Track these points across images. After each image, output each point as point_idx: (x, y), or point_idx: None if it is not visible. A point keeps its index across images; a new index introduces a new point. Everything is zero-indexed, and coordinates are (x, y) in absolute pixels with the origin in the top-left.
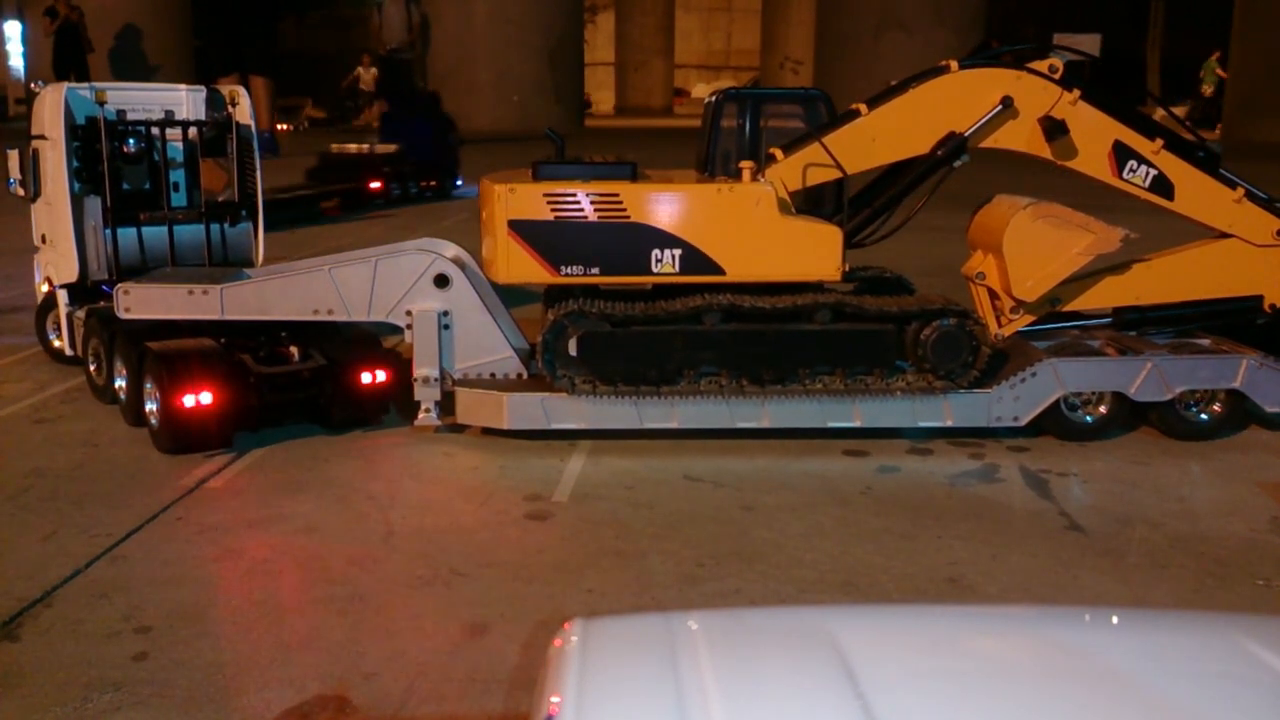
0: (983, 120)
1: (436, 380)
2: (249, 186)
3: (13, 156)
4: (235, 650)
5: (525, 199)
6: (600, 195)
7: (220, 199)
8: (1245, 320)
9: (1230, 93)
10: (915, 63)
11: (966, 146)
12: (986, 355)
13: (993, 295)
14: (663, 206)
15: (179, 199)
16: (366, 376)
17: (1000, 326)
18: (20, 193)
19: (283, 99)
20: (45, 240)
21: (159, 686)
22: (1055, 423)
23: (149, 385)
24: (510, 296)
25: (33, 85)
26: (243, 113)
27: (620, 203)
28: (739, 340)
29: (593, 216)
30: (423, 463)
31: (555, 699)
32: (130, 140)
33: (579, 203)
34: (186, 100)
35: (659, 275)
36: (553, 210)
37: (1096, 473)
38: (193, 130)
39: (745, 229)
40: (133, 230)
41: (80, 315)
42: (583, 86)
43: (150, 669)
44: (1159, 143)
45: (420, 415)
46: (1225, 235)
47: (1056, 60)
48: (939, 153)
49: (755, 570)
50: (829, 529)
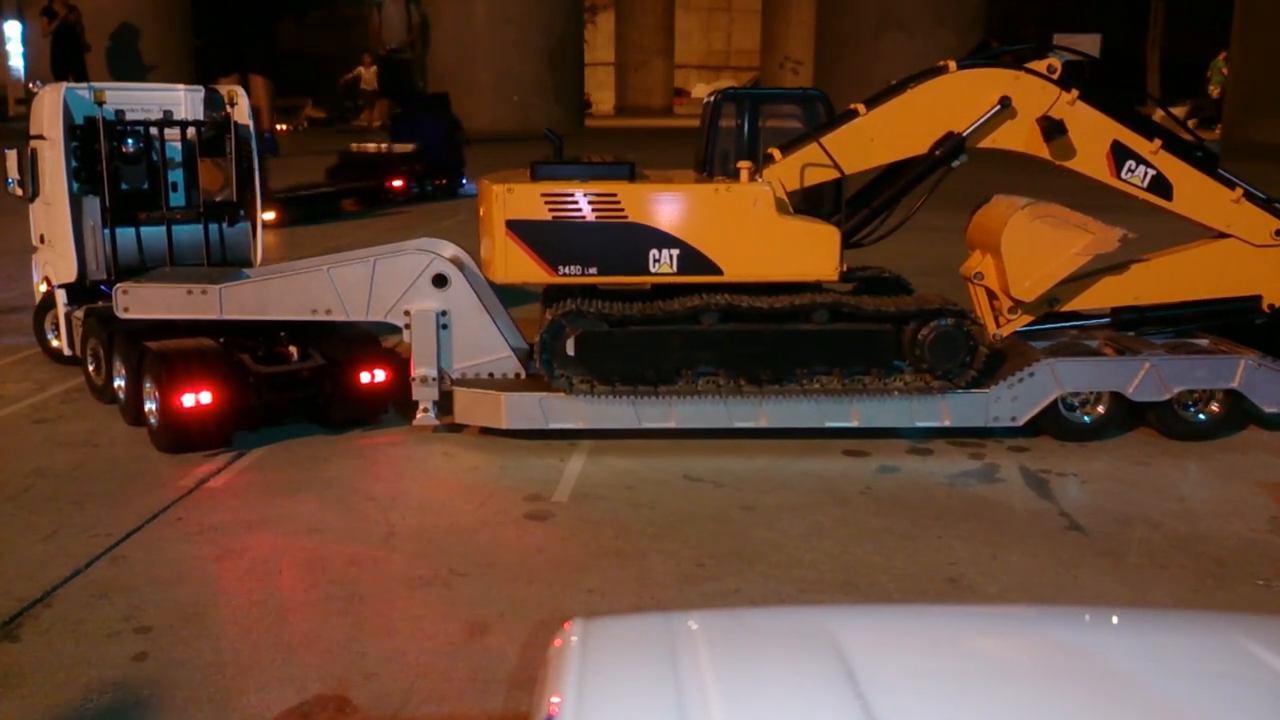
0: (981, 120)
1: (435, 380)
2: (247, 186)
3: (11, 156)
4: (235, 650)
5: (523, 199)
6: (598, 195)
7: (218, 199)
8: (1244, 320)
9: (1230, 93)
10: (915, 63)
11: (965, 146)
12: (984, 355)
13: (991, 295)
14: (661, 206)
15: (177, 199)
16: (365, 376)
17: (998, 326)
18: (19, 193)
19: (282, 99)
20: (44, 240)
21: (159, 686)
22: (1053, 423)
23: (148, 385)
24: (509, 296)
25: (31, 85)
26: (241, 113)
27: (618, 203)
28: (737, 340)
29: (591, 216)
30: (423, 463)
31: (555, 699)
32: (129, 140)
33: (577, 203)
34: (185, 100)
35: (657, 275)
36: (551, 210)
37: (1096, 473)
38: (191, 130)
39: (743, 229)
40: (131, 230)
41: (79, 315)
42: (583, 86)
43: (150, 669)
44: (1157, 143)
45: (418, 415)
46: (1224, 235)
47: (1055, 60)
48: (937, 153)
49: (755, 570)
50: (829, 529)
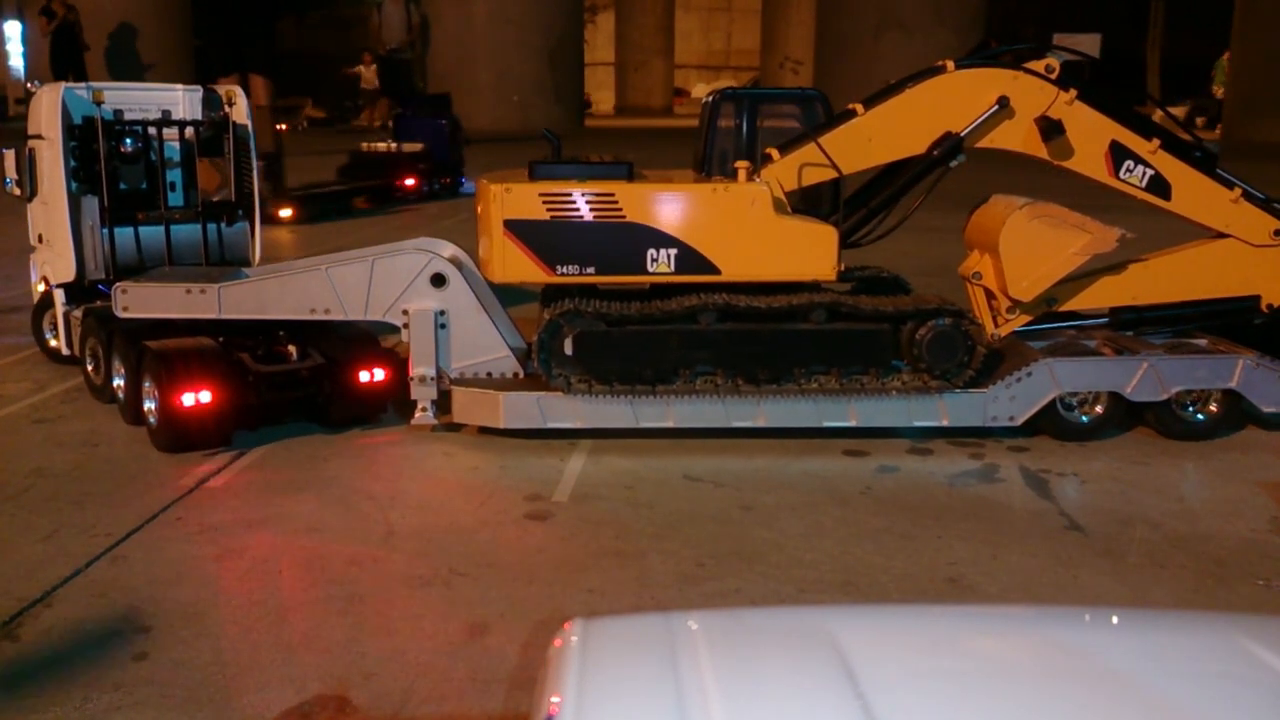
0: (979, 120)
1: (433, 379)
2: (246, 186)
3: (9, 156)
4: (235, 650)
5: (521, 199)
6: (596, 195)
7: (215, 199)
8: (1242, 320)
9: (1230, 93)
10: (915, 63)
11: (963, 146)
12: (982, 355)
13: (989, 295)
14: (658, 206)
15: (176, 199)
16: (364, 375)
17: (997, 326)
18: (17, 192)
19: (282, 99)
20: (42, 240)
21: (159, 686)
22: (1051, 423)
23: (148, 384)
24: (508, 296)
25: (29, 85)
26: (239, 113)
27: (616, 202)
28: (734, 340)
29: (589, 216)
30: (423, 462)
31: (555, 699)
32: (127, 140)
33: (575, 203)
34: (183, 100)
35: (655, 275)
36: (548, 210)
37: (1096, 473)
38: (189, 130)
39: (741, 229)
40: (130, 230)
41: (77, 315)
42: (583, 86)
43: (150, 669)
44: (1156, 143)
45: (417, 414)
46: (1222, 235)
47: (1053, 60)
48: (935, 153)
49: (755, 570)
50: (829, 529)
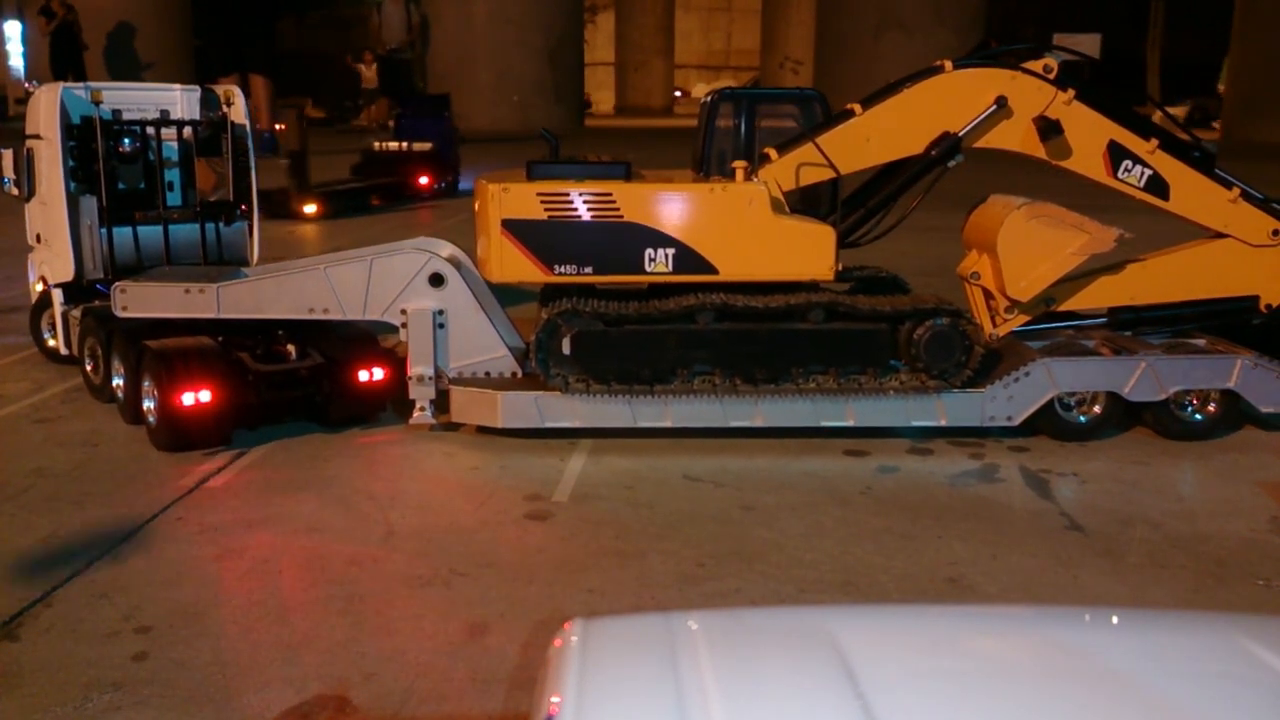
0: (977, 120)
1: (431, 379)
2: (244, 186)
3: (7, 156)
4: (235, 650)
5: (519, 198)
6: (594, 195)
7: (213, 198)
8: (1241, 320)
9: (1230, 93)
10: (915, 63)
11: (961, 146)
12: (979, 355)
13: (987, 295)
14: (656, 206)
15: (174, 198)
16: (364, 374)
17: (995, 326)
18: (15, 192)
19: (282, 99)
20: (40, 240)
21: (159, 686)
22: (1049, 423)
23: (147, 383)
24: (507, 295)
25: (29, 85)
26: (238, 112)
27: (614, 202)
28: (732, 339)
29: (586, 216)
30: (423, 462)
31: (555, 699)
32: (126, 140)
33: (572, 202)
34: (182, 100)
35: (653, 275)
36: (546, 210)
37: (1096, 473)
38: (188, 130)
39: (739, 229)
40: (128, 229)
41: (75, 314)
42: (583, 86)
43: (150, 669)
44: (1154, 142)
45: (415, 414)
46: (1221, 235)
47: (1051, 60)
48: (933, 153)
49: (755, 570)
50: (829, 529)
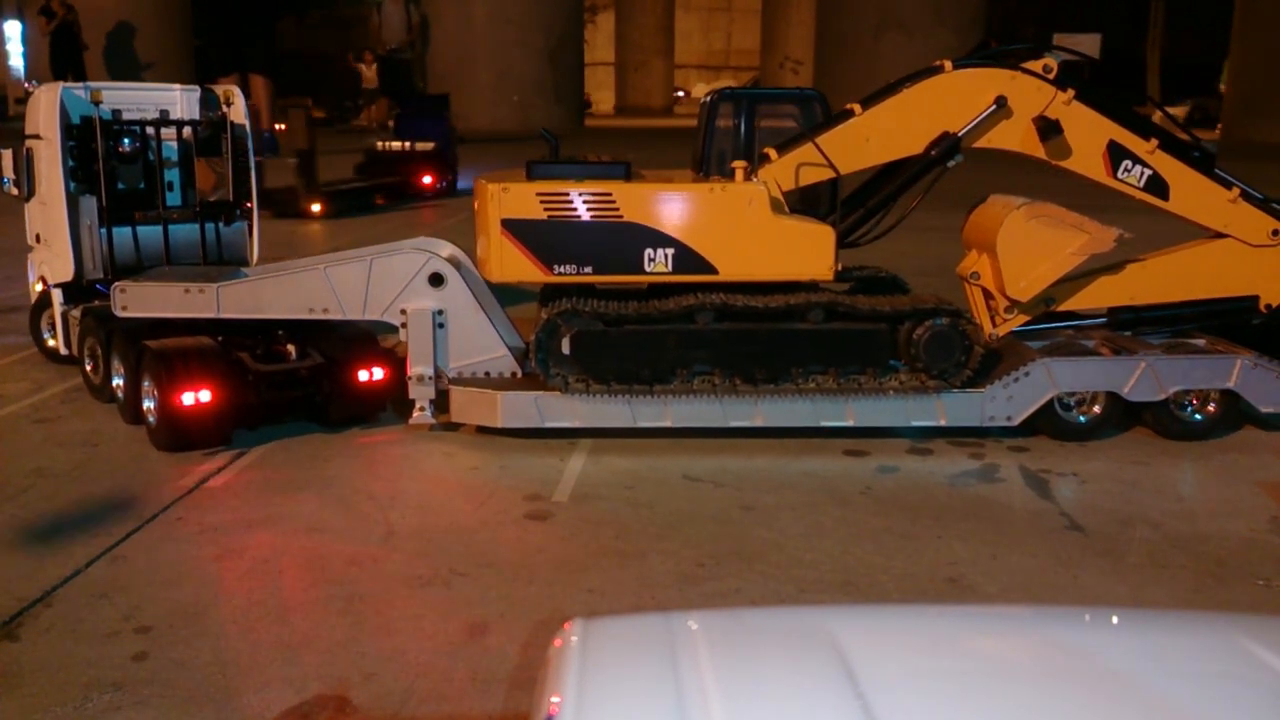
0: (977, 120)
1: (431, 379)
2: (244, 186)
3: (6, 156)
4: (235, 650)
5: (519, 198)
6: (593, 195)
7: (213, 198)
8: (1241, 320)
9: (1230, 93)
10: (915, 63)
11: (960, 146)
12: (979, 354)
13: (987, 295)
14: (656, 206)
15: (174, 198)
16: (363, 374)
17: (995, 326)
18: (15, 192)
19: (283, 99)
20: (40, 240)
21: (159, 686)
22: (1049, 423)
23: (147, 383)
24: (507, 295)
25: (29, 85)
26: (237, 112)
27: (613, 202)
28: (732, 339)
29: (586, 216)
30: (423, 462)
31: (555, 699)
32: (125, 140)
33: (572, 202)
34: (181, 100)
35: (652, 274)
36: (546, 210)
37: (1096, 473)
38: (187, 130)
39: (738, 228)
40: (128, 229)
41: (75, 314)
42: (583, 86)
43: (150, 669)
44: (1154, 142)
45: (415, 413)
46: (1221, 235)
47: (1051, 60)
48: (933, 153)
49: (755, 570)
50: (829, 529)
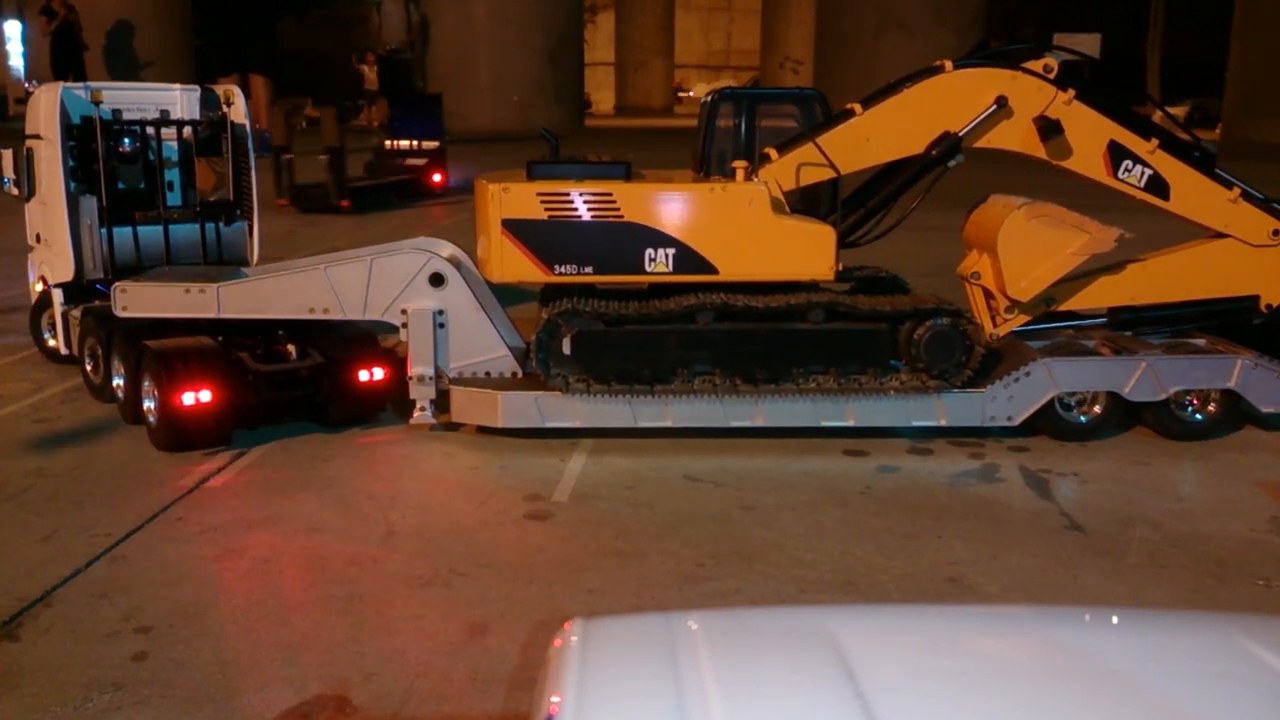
0: (977, 120)
1: (432, 379)
2: (244, 186)
3: (6, 156)
4: (235, 650)
5: (519, 198)
6: (594, 195)
7: (213, 198)
8: (1241, 320)
9: (1230, 93)
10: (915, 63)
11: (961, 146)
12: (980, 354)
13: (988, 295)
14: (656, 206)
15: (174, 198)
16: (364, 374)
17: (995, 326)
18: (15, 192)
19: (282, 99)
20: (40, 240)
21: (159, 686)
22: (1050, 423)
23: (147, 383)
24: (508, 295)
25: (29, 85)
26: (238, 112)
27: (614, 202)
28: (732, 339)
29: (586, 216)
30: (423, 462)
31: (555, 699)
32: (126, 140)
33: (572, 202)
34: (181, 100)
35: (653, 275)
36: (546, 210)
37: (1096, 473)
38: (188, 130)
39: (739, 228)
40: (128, 229)
41: (75, 314)
42: (583, 86)
43: (150, 669)
44: (1154, 142)
45: (415, 413)
46: (1221, 235)
47: (1051, 60)
48: (934, 152)
49: (755, 570)
50: (829, 529)
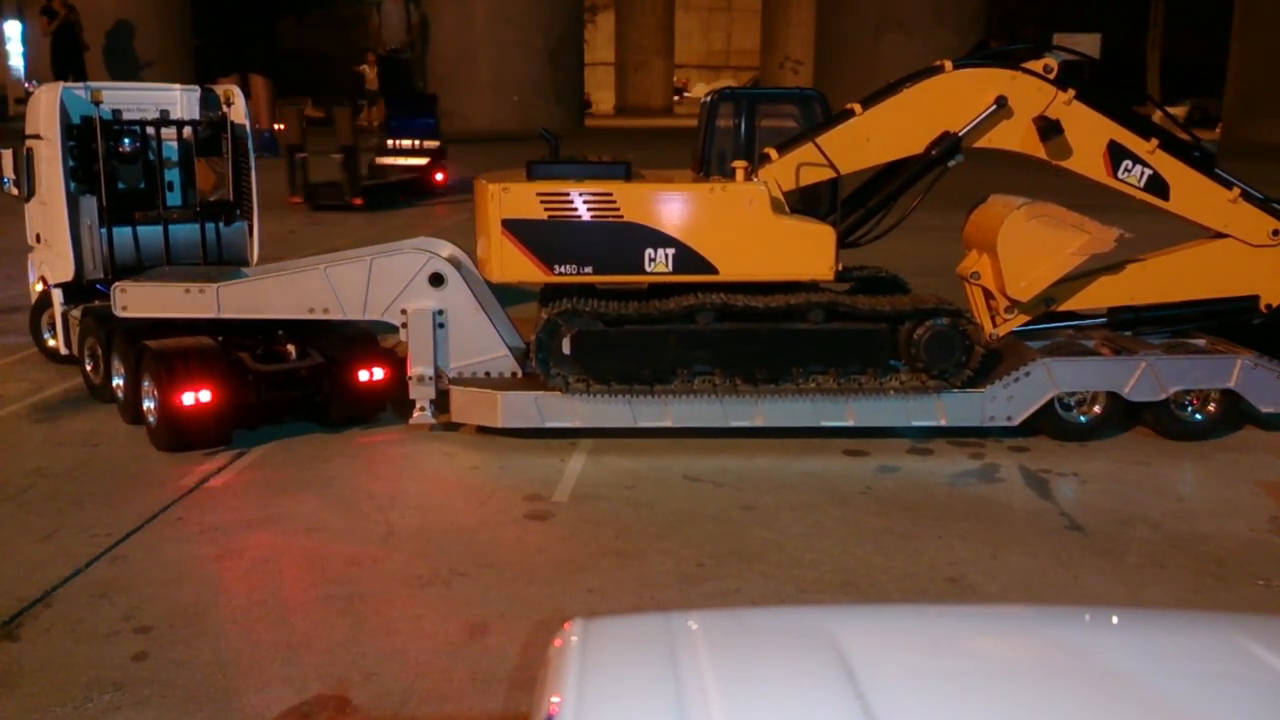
0: (977, 120)
1: (431, 379)
2: (244, 186)
3: (6, 156)
4: (235, 650)
5: (519, 198)
6: (594, 195)
7: (213, 198)
8: (1241, 320)
9: (1230, 93)
10: (915, 63)
11: (961, 146)
12: (979, 355)
13: (987, 295)
14: (656, 206)
15: (174, 198)
16: (364, 374)
17: (995, 326)
18: (15, 192)
19: (282, 99)
20: (40, 240)
21: (159, 686)
22: (1049, 423)
23: (147, 383)
24: (507, 295)
25: (29, 85)
26: (238, 112)
27: (614, 202)
28: (732, 339)
29: (586, 216)
30: (423, 462)
31: (555, 699)
32: (125, 140)
33: (572, 202)
34: (181, 100)
35: (652, 274)
36: (546, 210)
37: (1096, 473)
38: (188, 130)
39: (738, 228)
40: (128, 229)
41: (75, 314)
42: (583, 86)
43: (150, 669)
44: (1154, 142)
45: (415, 413)
46: (1221, 235)
47: (1051, 60)
48: (933, 152)
49: (755, 570)
50: (829, 529)
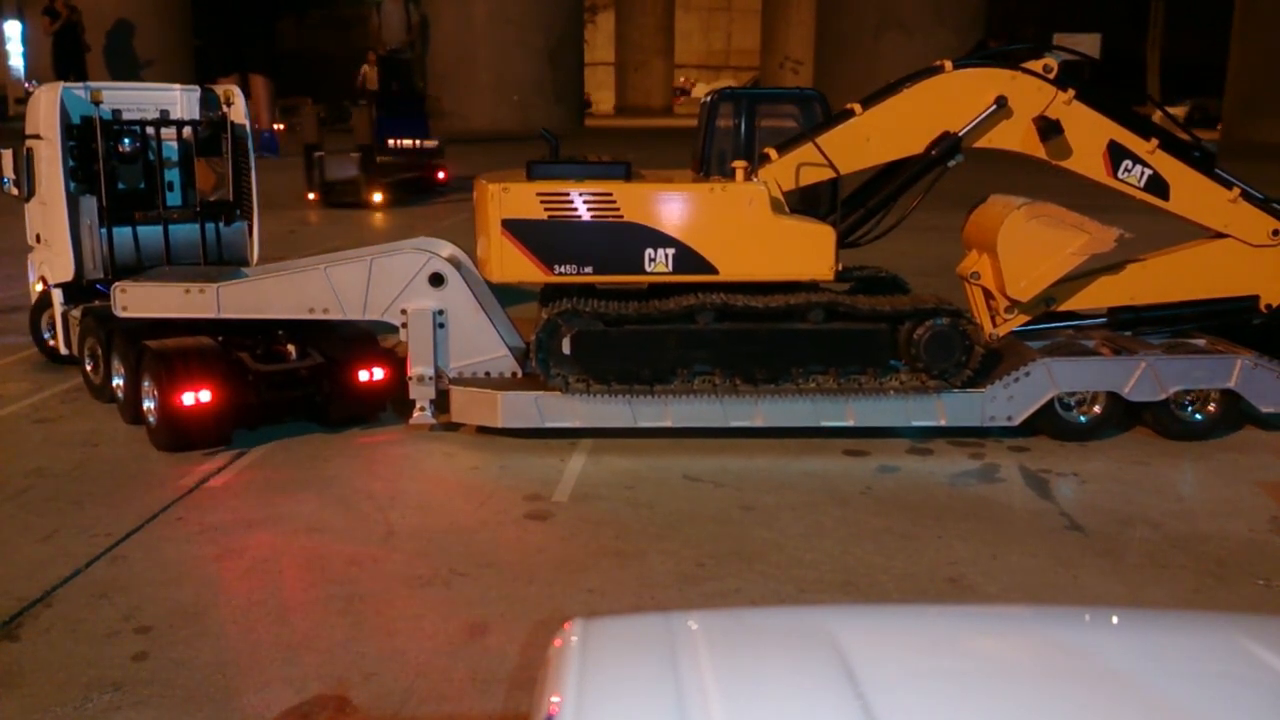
0: (977, 120)
1: (431, 379)
2: (244, 186)
3: (6, 156)
4: (235, 650)
5: (519, 198)
6: (594, 195)
7: (213, 198)
8: (1241, 320)
9: (1230, 93)
10: (915, 63)
11: (961, 146)
12: (979, 355)
13: (987, 295)
14: (656, 206)
15: (174, 198)
16: (364, 374)
17: (995, 326)
18: (15, 192)
19: (283, 99)
20: (40, 240)
21: (159, 686)
22: (1049, 423)
23: (147, 383)
24: (508, 295)
25: (29, 85)
26: (237, 112)
27: (614, 202)
28: (732, 339)
29: (586, 216)
30: (423, 462)
31: (555, 699)
32: (126, 140)
33: (572, 202)
34: (181, 100)
35: (652, 274)
36: (546, 210)
37: (1096, 473)
38: (187, 130)
39: (738, 228)
40: (128, 229)
41: (75, 314)
42: (583, 86)
43: (150, 669)
44: (1154, 142)
45: (415, 413)
46: (1221, 235)
47: (1051, 60)
48: (933, 152)
49: (755, 570)
50: (829, 529)
